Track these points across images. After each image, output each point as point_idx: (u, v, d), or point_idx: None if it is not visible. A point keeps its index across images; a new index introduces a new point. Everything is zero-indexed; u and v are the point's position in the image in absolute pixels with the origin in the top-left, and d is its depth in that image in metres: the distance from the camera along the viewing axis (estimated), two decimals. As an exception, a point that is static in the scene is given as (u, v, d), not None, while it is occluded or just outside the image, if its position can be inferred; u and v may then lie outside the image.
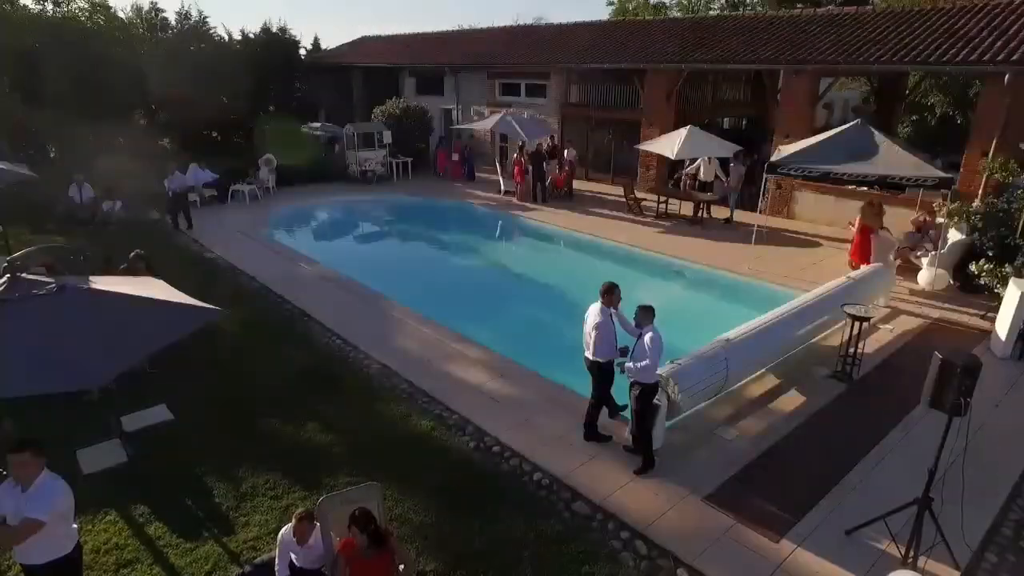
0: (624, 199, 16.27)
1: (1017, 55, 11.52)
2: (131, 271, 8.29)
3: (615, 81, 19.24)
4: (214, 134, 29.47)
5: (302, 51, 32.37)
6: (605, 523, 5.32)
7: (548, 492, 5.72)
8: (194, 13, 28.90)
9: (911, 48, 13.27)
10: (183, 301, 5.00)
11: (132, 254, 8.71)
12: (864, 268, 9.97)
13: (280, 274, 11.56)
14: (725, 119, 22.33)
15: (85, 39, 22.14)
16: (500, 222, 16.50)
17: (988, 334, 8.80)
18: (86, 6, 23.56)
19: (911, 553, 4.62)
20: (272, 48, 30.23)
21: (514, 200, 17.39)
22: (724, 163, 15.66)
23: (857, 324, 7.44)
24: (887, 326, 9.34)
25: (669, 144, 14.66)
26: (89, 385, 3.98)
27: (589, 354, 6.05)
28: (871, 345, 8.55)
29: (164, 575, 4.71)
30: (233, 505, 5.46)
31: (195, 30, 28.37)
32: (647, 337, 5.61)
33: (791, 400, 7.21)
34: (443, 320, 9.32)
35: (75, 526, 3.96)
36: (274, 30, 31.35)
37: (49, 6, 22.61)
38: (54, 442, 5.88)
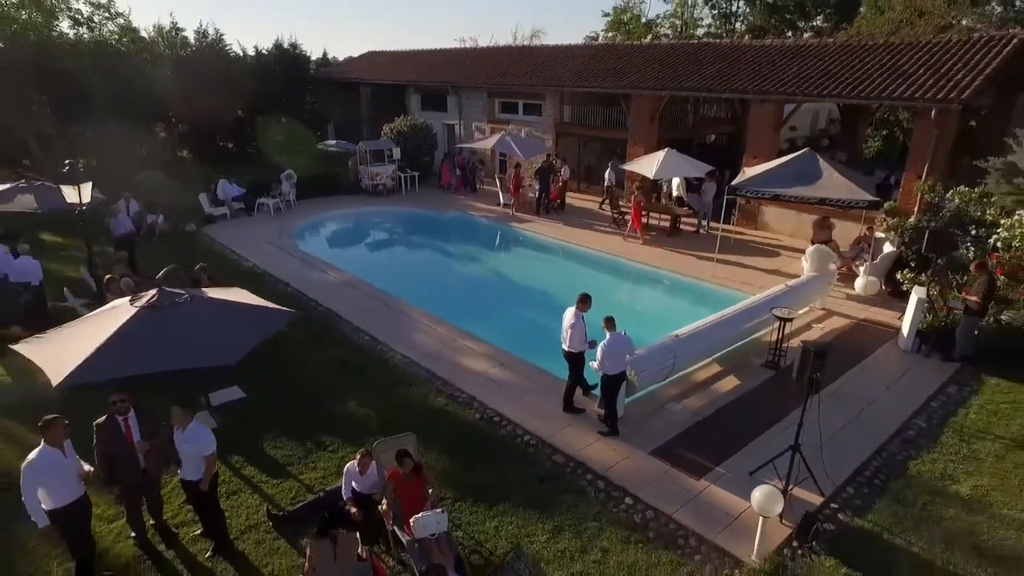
0: (610, 212, 18.22)
1: (942, 93, 13.44)
2: (196, 281, 10.18)
3: (604, 103, 21.16)
4: (230, 145, 31.45)
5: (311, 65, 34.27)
6: (576, 469, 7.25)
7: (535, 449, 7.64)
8: (211, 31, 30.76)
9: (859, 82, 15.16)
10: (270, 305, 6.93)
11: (196, 267, 10.61)
12: (802, 276, 11.90)
13: (311, 280, 13.47)
14: (707, 136, 24.23)
15: (117, 62, 24.05)
16: (499, 233, 18.40)
17: (899, 332, 10.72)
18: (116, 30, 25.46)
19: (789, 485, 6.54)
20: (284, 63, 32.09)
21: (512, 212, 19.30)
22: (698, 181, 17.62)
23: (783, 323, 9.36)
24: (819, 325, 11.28)
25: (649, 165, 16.56)
26: (224, 362, 5.84)
27: (566, 347, 7.99)
28: (803, 340, 10.47)
29: (260, 500, 6.64)
30: (302, 456, 7.39)
31: (212, 47, 30.18)
32: (602, 343, 7.52)
33: (729, 383, 9.15)
34: (452, 319, 11.24)
35: (211, 449, 5.81)
36: (285, 46, 33.27)
37: (84, 32, 24.50)
38: (165, 413, 7.84)
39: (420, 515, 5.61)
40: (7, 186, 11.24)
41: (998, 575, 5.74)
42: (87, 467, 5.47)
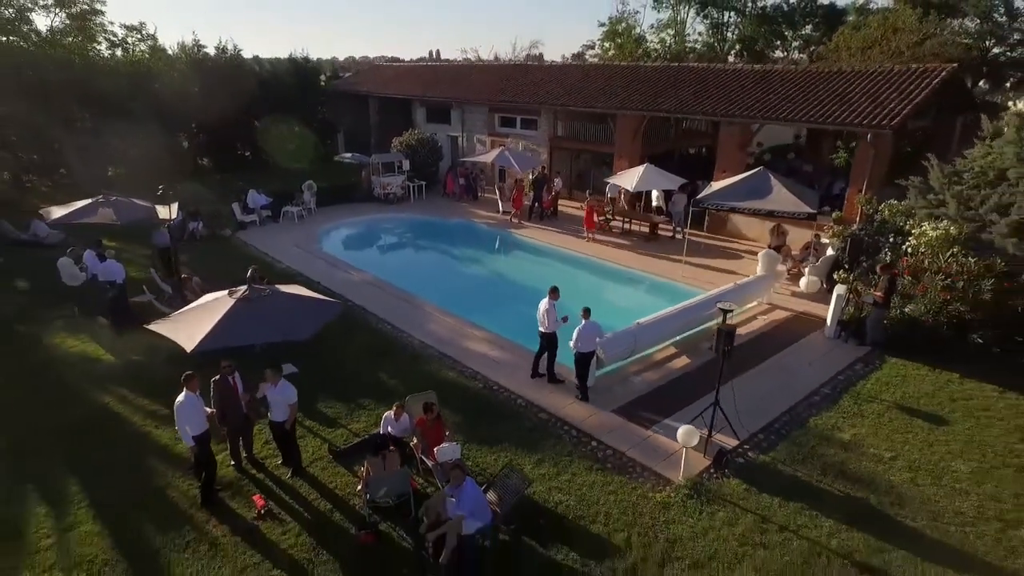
0: (596, 218, 20.49)
1: (876, 120, 15.72)
2: (252, 280, 12.45)
3: (593, 119, 23.46)
4: (246, 154, 33.69)
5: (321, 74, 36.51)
6: (556, 422, 9.54)
7: (525, 409, 9.94)
8: (230, 47, 33.01)
9: (811, 107, 17.43)
10: (324, 298, 9.22)
11: (252, 268, 12.88)
12: (749, 277, 14.19)
13: (337, 279, 15.74)
14: (689, 148, 26.50)
15: (148, 80, 26.36)
16: (499, 237, 20.69)
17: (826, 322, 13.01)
18: (146, 49, 27.74)
19: (709, 433, 8.83)
20: (297, 76, 34.30)
21: (512, 220, 21.57)
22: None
23: (725, 315, 11.62)
24: (764, 316, 13.57)
25: (629, 178, 18.84)
26: (299, 338, 8.13)
27: (543, 328, 10.29)
28: (747, 328, 12.81)
29: (320, 442, 8.94)
30: (347, 413, 9.70)
31: (231, 62, 32.40)
32: (578, 327, 9.82)
33: (681, 361, 11.46)
34: (458, 312, 13.54)
35: (294, 399, 8.09)
36: (298, 60, 35.51)
37: (119, 52, 26.78)
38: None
39: (441, 446, 7.92)
40: (89, 201, 13.45)
41: (852, 489, 8.04)
42: (208, 410, 7.77)
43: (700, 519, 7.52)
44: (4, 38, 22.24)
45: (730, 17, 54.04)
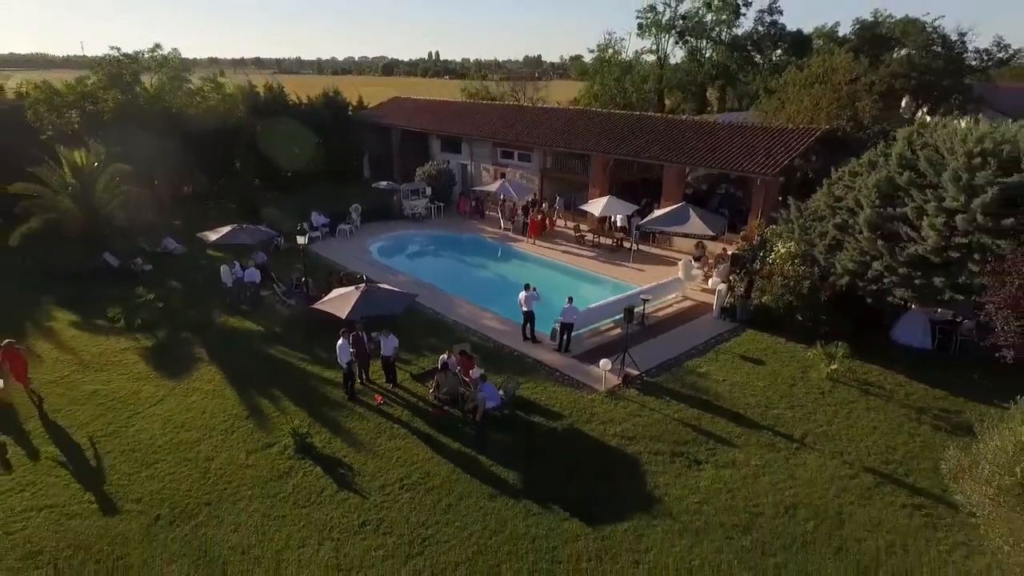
0: (574, 233, 27.43)
1: (764, 168, 22.61)
2: (342, 283, 19.30)
3: (573, 157, 30.36)
4: (288, 174, 40.38)
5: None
6: (538, 363, 16.46)
7: (520, 357, 16.83)
8: (275, 86, 39.74)
9: (726, 154, 24.33)
10: (402, 291, 16.15)
11: (342, 272, 19.75)
12: (667, 278, 21.10)
13: (387, 279, 22.49)
14: (652, 176, 33.32)
15: (220, 120, 33.20)
16: (500, 248, 27.55)
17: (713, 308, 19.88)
18: (220, 97, 34.52)
19: (621, 366, 15.72)
20: (331, 109, 41.01)
21: (509, 234, 28.43)
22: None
23: (645, 303, 18.51)
24: (678, 304, 20.49)
25: (596, 206, 25.75)
26: (396, 311, 14.96)
27: (524, 308, 17.23)
28: (664, 311, 19.76)
29: (405, 372, 15.81)
30: (416, 358, 16.57)
31: (278, 99, 39.20)
32: (564, 307, 16.72)
33: (616, 331, 18.34)
34: (475, 301, 20.40)
35: (396, 344, 14.98)
36: (331, 95, 42.26)
37: (198, 99, 33.61)
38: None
39: (473, 370, 14.80)
40: (230, 228, 20.30)
41: (695, 393, 14.93)
42: (351, 348, 14.65)
43: (609, 406, 14.43)
44: (125, 97, 29.08)
45: (706, 43, 61.20)
